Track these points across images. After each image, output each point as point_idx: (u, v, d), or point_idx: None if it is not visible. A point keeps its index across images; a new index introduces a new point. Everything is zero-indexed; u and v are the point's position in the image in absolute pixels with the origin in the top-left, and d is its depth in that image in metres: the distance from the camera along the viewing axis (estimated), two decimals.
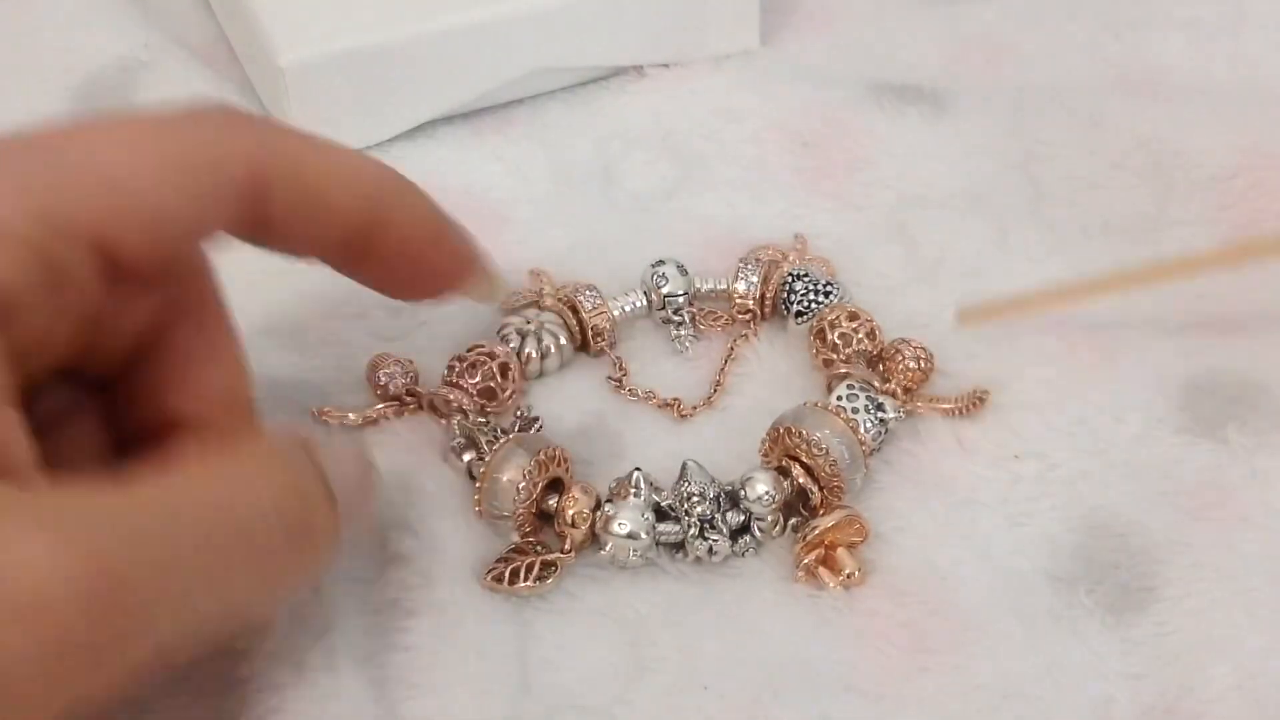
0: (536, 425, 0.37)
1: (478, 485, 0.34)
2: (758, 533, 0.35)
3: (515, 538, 0.34)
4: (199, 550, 0.26)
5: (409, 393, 0.37)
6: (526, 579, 0.34)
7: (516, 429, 0.36)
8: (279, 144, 0.30)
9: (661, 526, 0.34)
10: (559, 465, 0.35)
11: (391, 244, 0.32)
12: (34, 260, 0.26)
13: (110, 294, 0.28)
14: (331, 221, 0.31)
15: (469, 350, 0.37)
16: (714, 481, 0.35)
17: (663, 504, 0.34)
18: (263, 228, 0.30)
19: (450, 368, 0.37)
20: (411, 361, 0.37)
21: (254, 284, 0.40)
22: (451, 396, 0.36)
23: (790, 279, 0.39)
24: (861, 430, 0.35)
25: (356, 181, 0.31)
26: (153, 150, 0.28)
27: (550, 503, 0.34)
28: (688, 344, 0.39)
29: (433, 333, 0.39)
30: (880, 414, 0.36)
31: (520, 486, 0.34)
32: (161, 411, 0.31)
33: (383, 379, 0.37)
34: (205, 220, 0.29)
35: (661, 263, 0.39)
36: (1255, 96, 0.44)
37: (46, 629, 0.23)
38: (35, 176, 0.27)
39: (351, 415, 0.36)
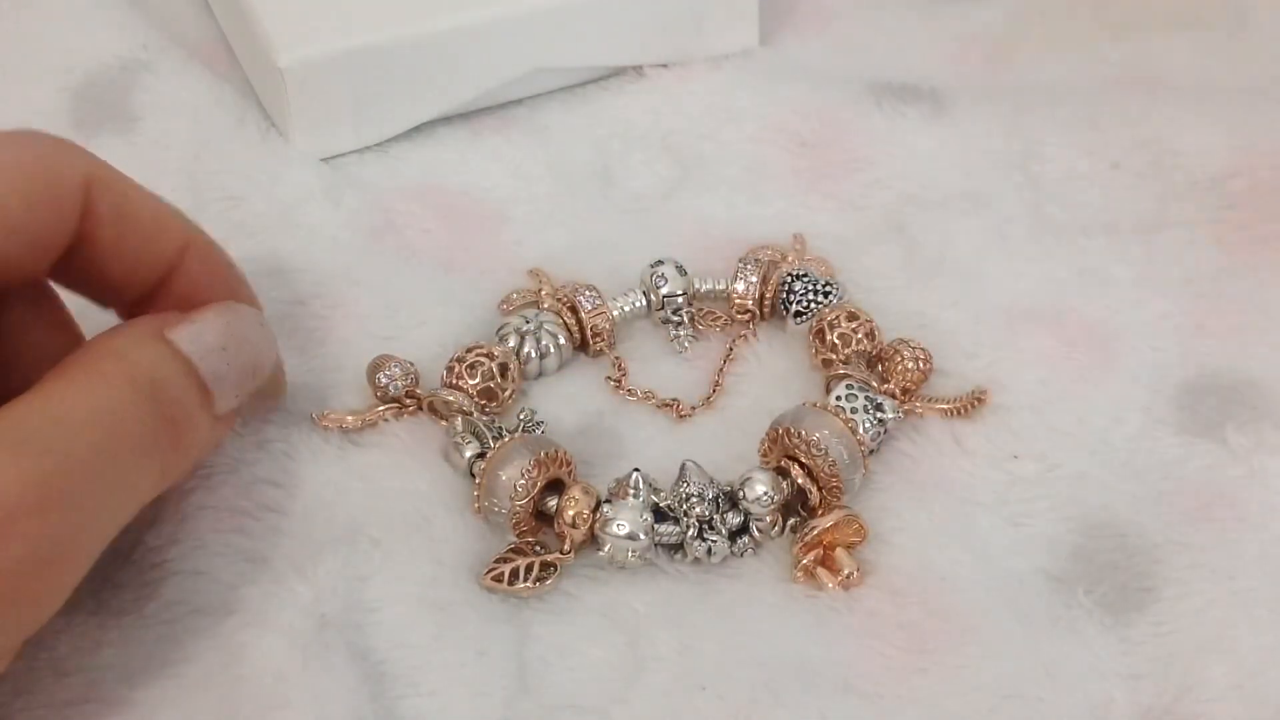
0: (540, 429, 0.37)
1: (477, 482, 0.34)
2: (756, 533, 0.35)
3: (512, 536, 0.34)
4: (86, 455, 0.28)
5: (408, 394, 0.37)
6: (526, 579, 0.34)
7: (520, 431, 0.36)
8: (102, 168, 0.32)
9: (660, 527, 0.34)
10: (560, 466, 0.35)
11: (184, 290, 0.33)
12: None
13: None
14: (143, 254, 0.32)
15: (468, 351, 0.37)
16: (713, 482, 0.35)
17: (661, 504, 0.34)
18: (87, 250, 0.31)
19: (450, 368, 0.37)
20: (412, 364, 0.37)
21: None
22: (451, 398, 0.36)
23: (789, 279, 0.39)
24: (860, 430, 0.35)
25: (169, 219, 0.33)
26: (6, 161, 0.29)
27: (550, 503, 0.34)
28: (687, 344, 0.39)
29: (432, 333, 0.39)
30: (879, 414, 0.36)
31: (519, 485, 0.34)
32: (5, 366, 0.32)
33: (383, 380, 0.37)
34: (44, 231, 0.30)
35: (660, 263, 0.39)
36: (1255, 96, 0.44)
37: (13, 536, 0.26)
38: None
39: (350, 418, 0.36)
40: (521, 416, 0.37)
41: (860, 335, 0.38)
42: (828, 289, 0.39)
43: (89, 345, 0.31)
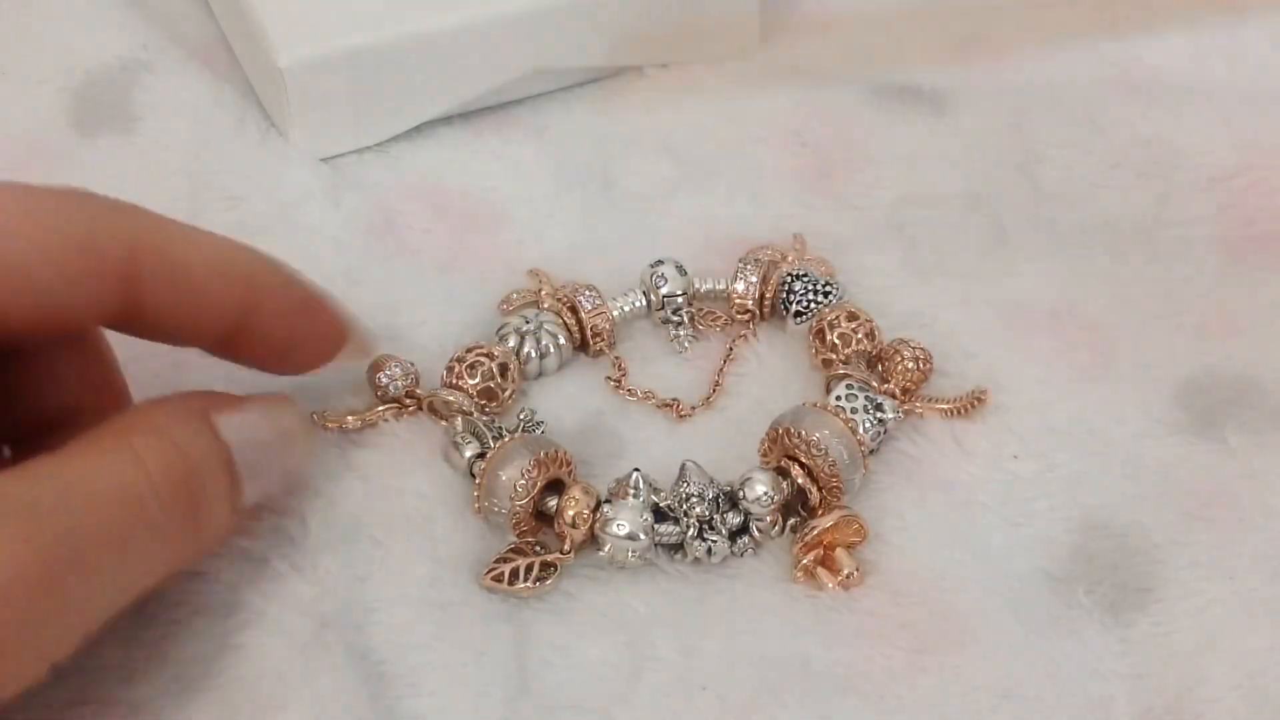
0: (540, 429, 0.37)
1: (477, 482, 0.34)
2: (756, 533, 0.35)
3: (511, 536, 0.34)
4: (98, 530, 0.27)
5: (408, 395, 0.37)
6: (526, 579, 0.34)
7: (520, 431, 0.36)
8: (152, 230, 0.31)
9: (660, 527, 0.34)
10: (560, 466, 0.35)
11: (265, 327, 0.33)
12: None
13: None
14: (204, 309, 0.31)
15: (468, 351, 0.37)
16: (713, 482, 0.35)
17: (661, 505, 0.34)
18: (136, 314, 0.31)
19: (449, 368, 0.37)
20: (413, 364, 0.37)
21: None
22: (451, 398, 0.36)
23: (789, 279, 0.39)
24: (860, 430, 0.35)
25: (228, 268, 0.32)
26: (33, 225, 0.29)
27: (550, 503, 0.34)
28: (687, 344, 0.39)
29: (432, 333, 0.39)
30: (879, 414, 0.36)
31: (519, 485, 0.34)
32: (38, 409, 0.32)
33: (383, 380, 0.37)
34: (80, 302, 0.30)
35: (660, 263, 0.39)
36: (1255, 96, 0.44)
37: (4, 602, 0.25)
38: None
39: (350, 419, 0.36)
40: (521, 416, 0.37)
41: (860, 335, 0.38)
42: (828, 289, 0.39)
43: (131, 413, 0.30)
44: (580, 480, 0.35)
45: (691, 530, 0.34)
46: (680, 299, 0.39)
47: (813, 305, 0.39)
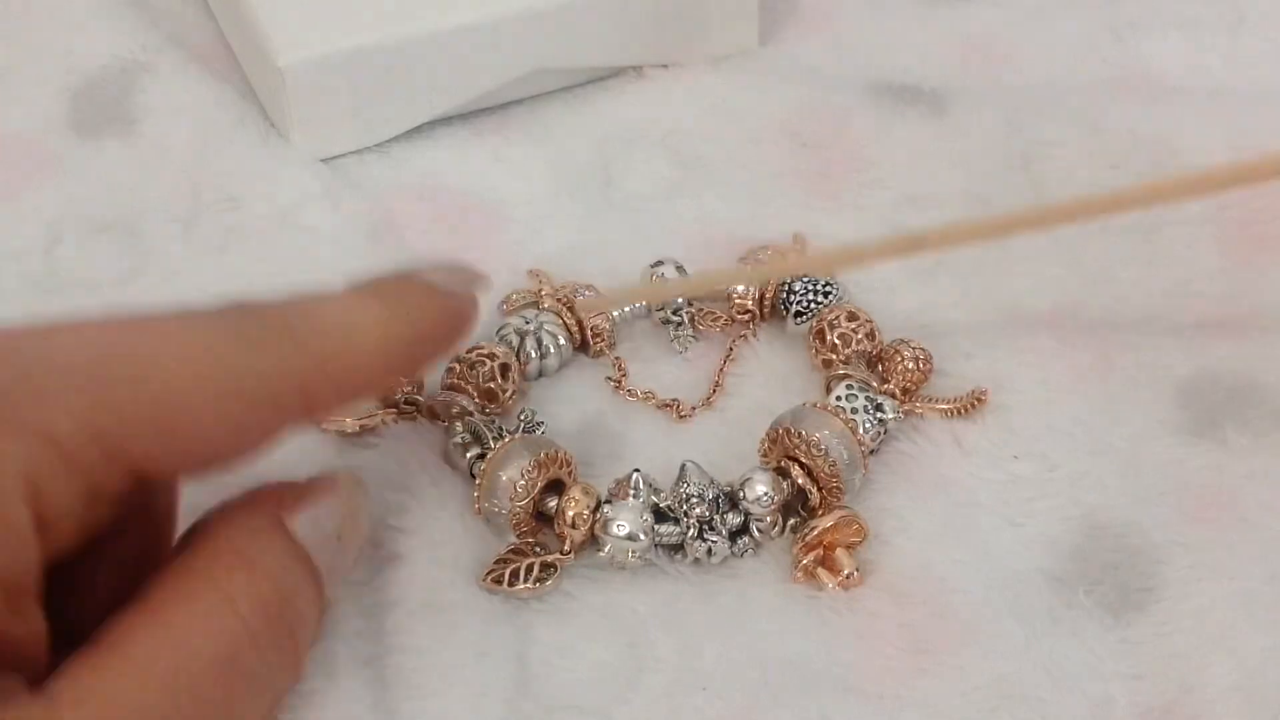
0: (541, 429, 0.37)
1: (477, 482, 0.34)
2: (756, 533, 0.35)
3: (511, 537, 0.34)
4: (198, 695, 0.26)
5: (408, 400, 0.37)
6: (526, 580, 0.34)
7: (520, 431, 0.36)
8: (321, 355, 0.29)
9: (660, 528, 0.34)
10: (561, 467, 0.35)
11: (425, 358, 0.32)
12: (84, 483, 0.26)
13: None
14: (371, 391, 0.31)
15: (468, 351, 0.37)
16: (713, 483, 0.35)
17: (661, 505, 0.34)
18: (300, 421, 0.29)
19: (450, 369, 0.37)
20: None
21: (253, 284, 0.40)
22: (451, 400, 0.36)
23: (789, 279, 0.39)
24: (860, 431, 0.35)
25: (388, 348, 0.30)
26: (210, 377, 0.27)
27: (550, 504, 0.34)
28: (687, 344, 0.39)
29: None
30: (879, 414, 0.36)
31: (519, 485, 0.34)
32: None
33: None
34: (248, 449, 0.28)
35: (660, 263, 0.39)
36: (1254, 96, 0.44)
37: None
38: (97, 391, 0.26)
39: (350, 421, 0.36)
40: (521, 417, 0.37)
41: (860, 335, 0.38)
42: (828, 289, 0.39)
43: (211, 541, 0.28)
44: (580, 480, 0.35)
45: (692, 531, 0.34)
46: (680, 299, 0.39)
47: (813, 305, 0.39)
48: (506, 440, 0.35)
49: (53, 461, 0.25)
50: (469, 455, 0.35)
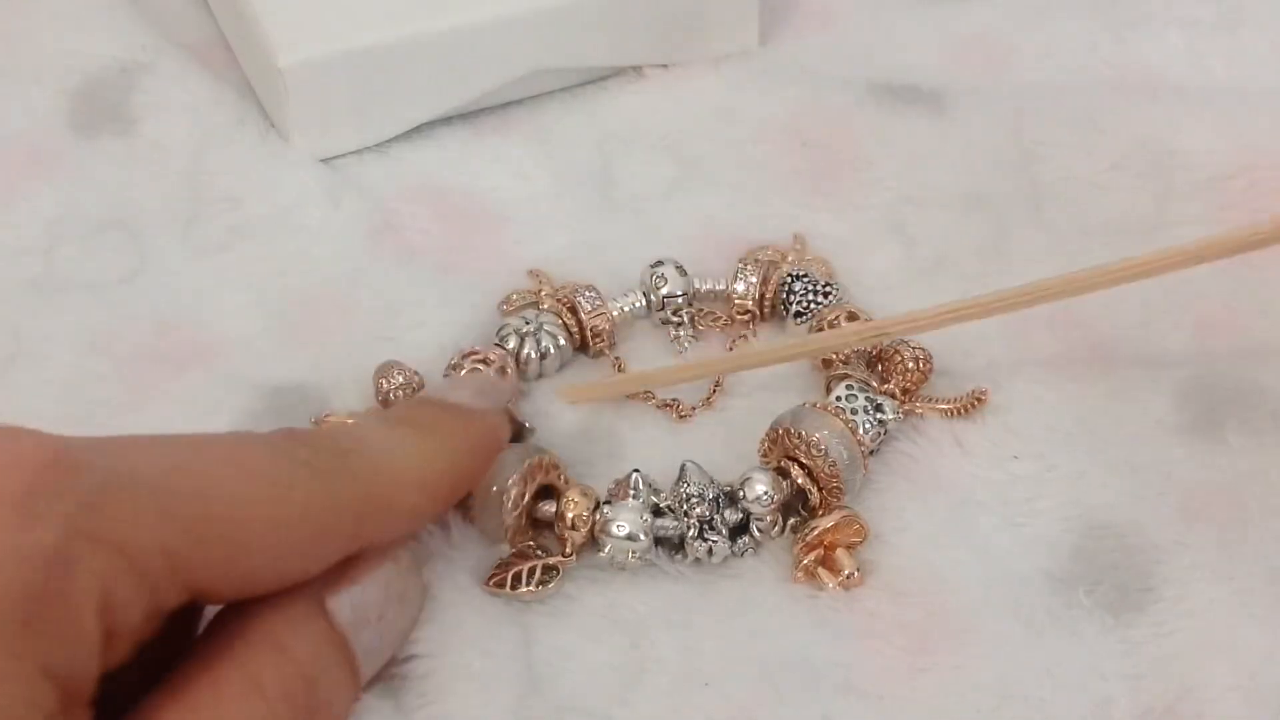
0: (531, 433, 0.36)
1: (468, 499, 0.34)
2: (757, 533, 0.35)
3: (506, 548, 0.34)
4: None
5: None
6: (528, 583, 0.34)
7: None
8: (375, 490, 0.29)
9: (660, 524, 0.34)
10: (549, 472, 0.34)
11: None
12: (150, 598, 0.26)
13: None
14: (410, 531, 0.31)
15: (465, 356, 0.37)
16: (713, 482, 0.35)
17: (661, 505, 0.34)
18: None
19: (446, 375, 0.37)
20: (417, 372, 0.37)
21: (253, 284, 0.40)
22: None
23: (789, 279, 0.39)
24: (860, 431, 0.35)
25: (440, 482, 0.31)
26: (272, 500, 0.28)
27: (546, 509, 0.34)
28: (686, 345, 0.39)
29: (432, 334, 0.39)
30: (879, 414, 0.36)
31: (509, 498, 0.34)
32: None
33: (385, 387, 0.37)
34: (298, 576, 0.29)
35: (660, 263, 0.39)
36: (1254, 96, 0.44)
37: None
38: (168, 507, 0.26)
39: (350, 423, 0.36)
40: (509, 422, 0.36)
41: None
42: (828, 289, 0.39)
43: (248, 629, 0.28)
44: (576, 482, 0.35)
45: (692, 530, 0.34)
46: (680, 299, 0.39)
47: (813, 305, 0.39)
48: None
49: (126, 576, 0.25)
50: None
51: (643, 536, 0.34)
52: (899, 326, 0.36)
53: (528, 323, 0.38)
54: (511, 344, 0.38)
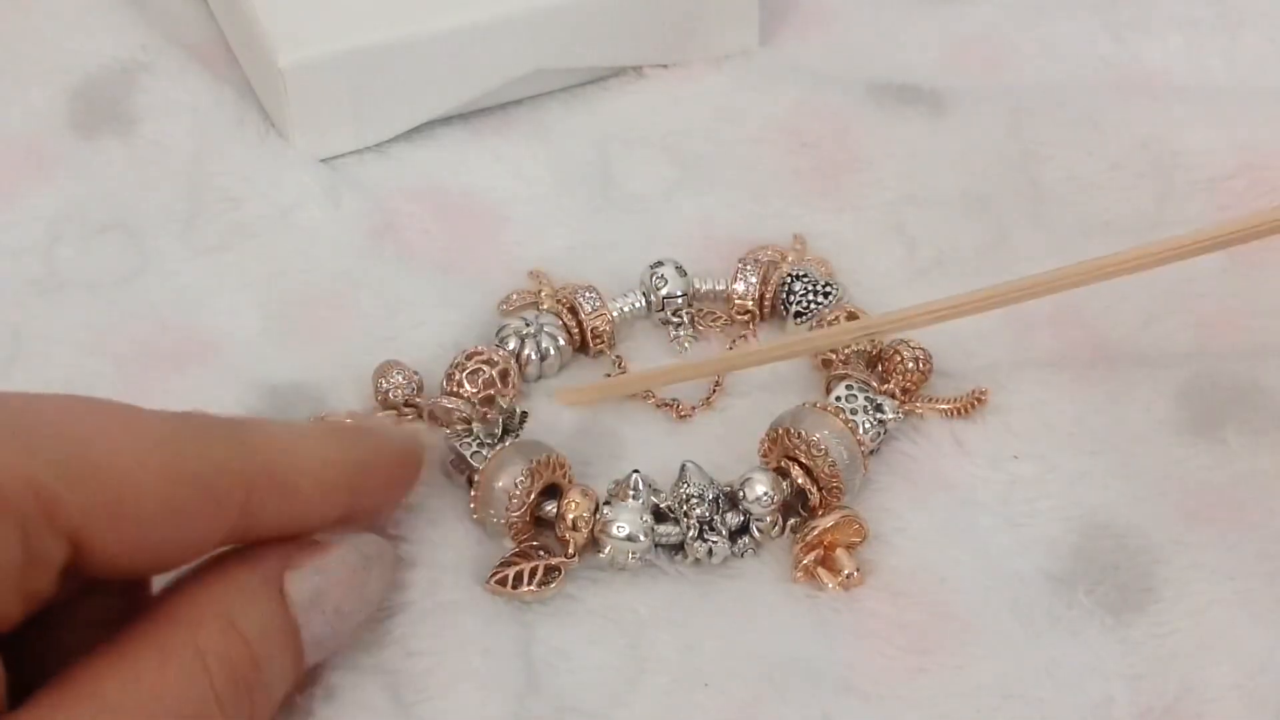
0: (521, 420, 0.36)
1: (473, 493, 0.34)
2: (756, 533, 0.35)
3: (509, 544, 0.34)
4: None
5: (408, 403, 0.37)
6: (529, 584, 0.34)
7: (501, 425, 0.36)
8: (266, 460, 0.29)
9: (660, 528, 0.34)
10: (555, 471, 0.34)
11: (366, 507, 0.32)
12: (19, 535, 0.25)
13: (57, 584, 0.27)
14: (311, 520, 0.30)
15: (468, 357, 0.37)
16: (713, 483, 0.35)
17: (661, 506, 0.34)
18: (240, 538, 0.29)
19: (449, 375, 0.37)
20: (417, 373, 0.37)
21: (252, 284, 0.40)
22: (451, 405, 0.36)
23: (789, 279, 0.39)
24: (860, 431, 0.35)
25: (335, 477, 0.30)
26: (155, 457, 0.27)
27: (549, 508, 0.34)
28: (686, 344, 0.39)
29: (431, 334, 0.39)
30: (879, 414, 0.36)
31: (513, 495, 0.34)
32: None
33: (384, 386, 0.37)
34: (192, 540, 0.28)
35: (660, 264, 0.39)
36: (1254, 96, 0.44)
37: None
38: (36, 445, 0.26)
39: (350, 423, 0.36)
40: (502, 411, 0.36)
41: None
42: (828, 289, 0.39)
43: (197, 593, 0.28)
44: (579, 483, 0.35)
45: (692, 531, 0.34)
46: (680, 299, 0.39)
47: (813, 305, 0.39)
48: (500, 449, 0.35)
49: None
50: (464, 470, 0.35)
51: (643, 538, 0.34)
52: (893, 324, 0.36)
53: (528, 323, 0.38)
54: (511, 345, 0.38)
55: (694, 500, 0.34)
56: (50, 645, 0.28)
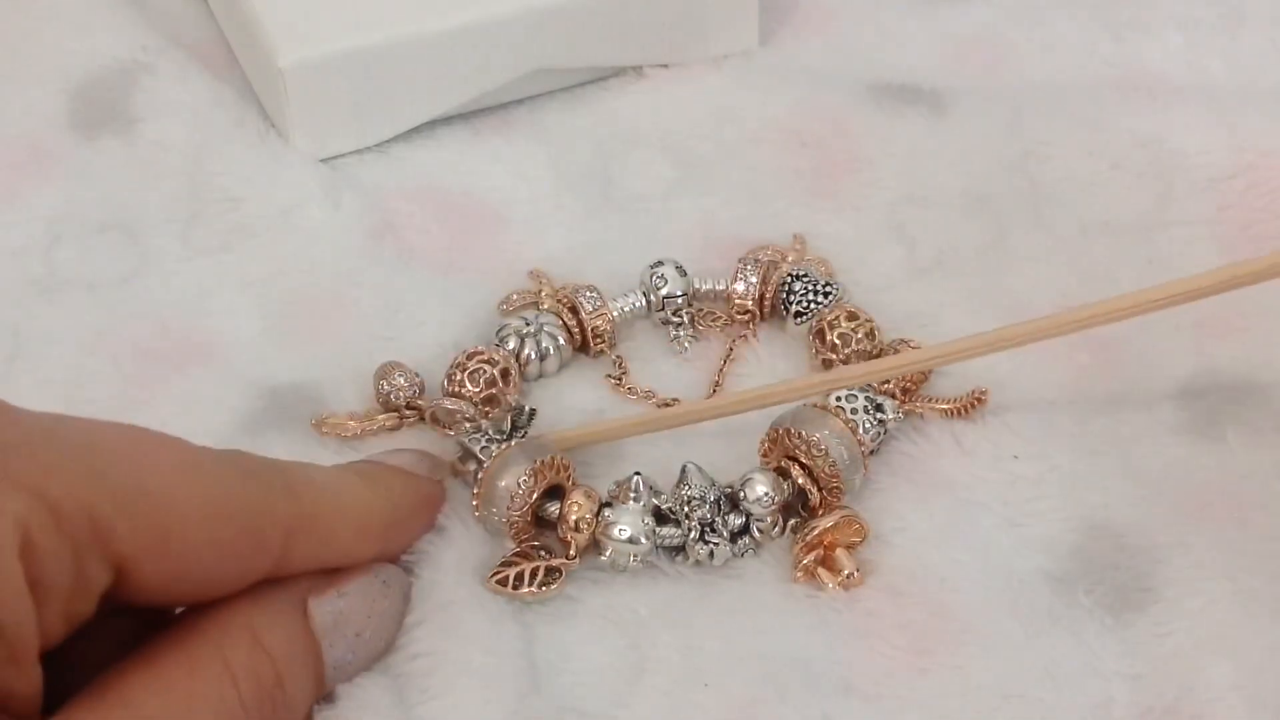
0: (530, 417, 0.36)
1: (475, 491, 0.34)
2: (757, 534, 0.35)
3: (510, 544, 0.34)
4: None
5: (409, 405, 0.37)
6: (530, 584, 0.34)
7: (509, 422, 0.36)
8: (306, 504, 0.30)
9: (662, 530, 0.34)
10: (559, 472, 0.34)
11: (399, 550, 0.33)
12: (72, 554, 0.26)
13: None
14: (344, 561, 0.31)
15: (469, 357, 0.37)
16: (714, 484, 0.35)
17: (662, 507, 0.34)
18: (273, 577, 0.30)
19: (450, 376, 0.37)
20: (418, 374, 0.37)
21: (252, 284, 0.40)
22: (452, 405, 0.36)
23: (789, 279, 0.39)
24: (860, 431, 0.35)
25: (370, 523, 0.31)
26: (203, 490, 0.28)
27: (551, 509, 0.34)
28: (686, 344, 0.39)
29: (431, 334, 0.39)
30: (879, 414, 0.36)
31: (516, 494, 0.34)
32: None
33: (386, 388, 0.37)
34: (229, 579, 0.29)
35: (660, 263, 0.39)
36: (1254, 96, 0.44)
37: None
38: (93, 469, 0.26)
39: (351, 424, 0.36)
40: (509, 410, 0.36)
41: (860, 335, 0.38)
42: (828, 289, 0.39)
43: (227, 610, 0.29)
44: (581, 484, 0.35)
45: (693, 533, 0.34)
46: (680, 299, 0.39)
47: (813, 305, 0.39)
48: (504, 448, 0.35)
49: (46, 525, 0.25)
50: (471, 466, 0.35)
51: (644, 540, 0.34)
52: (932, 359, 0.36)
53: (528, 323, 0.38)
54: (511, 344, 0.38)
55: (695, 502, 0.34)
56: (74, 659, 0.28)
